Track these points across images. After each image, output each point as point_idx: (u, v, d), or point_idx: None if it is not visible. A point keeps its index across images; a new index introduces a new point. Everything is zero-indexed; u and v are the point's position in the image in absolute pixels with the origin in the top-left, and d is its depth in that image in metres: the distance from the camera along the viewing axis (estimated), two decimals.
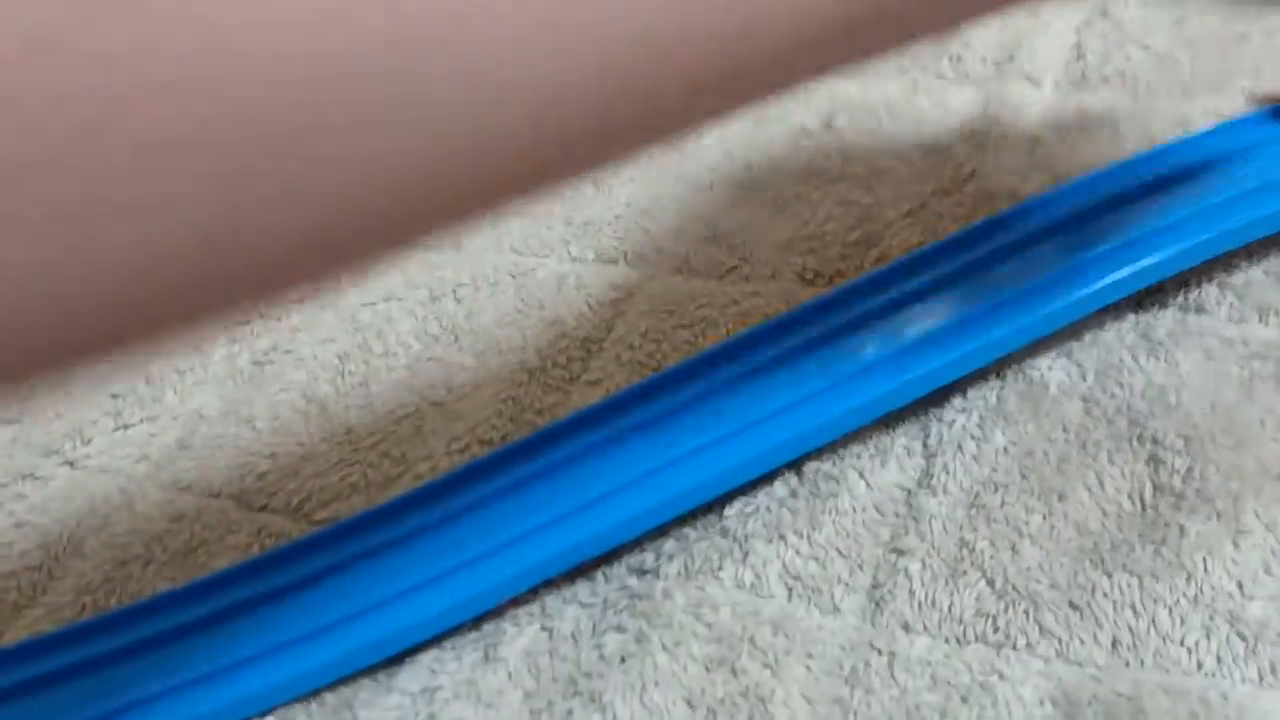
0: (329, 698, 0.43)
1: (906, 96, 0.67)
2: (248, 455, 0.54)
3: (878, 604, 0.42)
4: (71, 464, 0.55)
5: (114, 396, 0.58)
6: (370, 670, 0.44)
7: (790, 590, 0.43)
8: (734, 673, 0.41)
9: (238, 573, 0.48)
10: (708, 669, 0.41)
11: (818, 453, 0.47)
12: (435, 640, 0.44)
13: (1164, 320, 0.49)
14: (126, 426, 0.56)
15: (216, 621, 0.45)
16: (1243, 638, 0.38)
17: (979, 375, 0.49)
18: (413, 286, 0.61)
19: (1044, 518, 0.44)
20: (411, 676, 0.43)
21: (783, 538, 0.45)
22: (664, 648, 0.42)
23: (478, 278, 0.61)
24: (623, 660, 0.42)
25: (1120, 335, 0.49)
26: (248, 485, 0.52)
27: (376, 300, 0.61)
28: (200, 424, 0.56)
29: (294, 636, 0.44)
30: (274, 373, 0.57)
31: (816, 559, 0.44)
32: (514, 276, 0.61)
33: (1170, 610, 0.40)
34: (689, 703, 0.40)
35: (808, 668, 0.41)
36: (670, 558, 0.45)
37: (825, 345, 0.50)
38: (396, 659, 0.44)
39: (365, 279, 0.62)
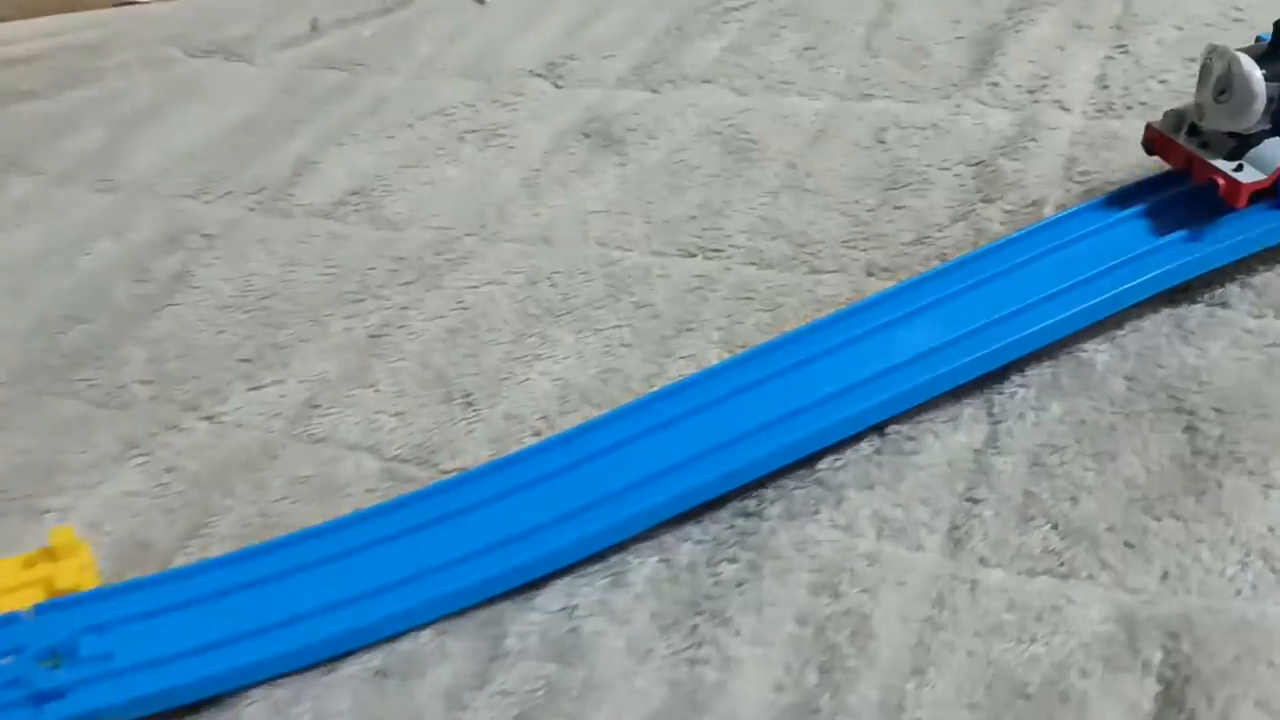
0: (478, 615, 0.49)
1: (951, 117, 0.73)
2: (375, 413, 0.59)
3: (957, 543, 0.49)
4: (210, 419, 0.60)
5: (244, 361, 0.63)
6: (510, 594, 0.49)
7: (880, 531, 0.50)
8: (837, 596, 0.47)
9: (365, 517, 0.53)
10: (814, 593, 0.47)
11: (896, 418, 0.53)
12: (567, 570, 0.50)
13: (1194, 313, 0.56)
14: (258, 387, 0.62)
15: (364, 550, 0.51)
16: (1274, 570, 0.45)
17: (1034, 356, 0.55)
18: (511, 273, 0.67)
19: (1097, 474, 0.50)
20: (550, 598, 0.49)
21: (871, 487, 0.51)
22: (774, 575, 0.48)
23: (570, 267, 0.67)
24: (739, 585, 0.48)
25: (1157, 325, 0.56)
26: (380, 439, 0.58)
27: (478, 284, 0.67)
28: (326, 387, 0.61)
29: (436, 564, 0.50)
30: (391, 344, 0.63)
31: (901, 506, 0.50)
32: (602, 266, 0.67)
33: (1211, 548, 0.46)
34: (799, 620, 0.47)
35: (900, 591, 0.47)
36: (772, 503, 0.51)
37: (899, 327, 0.56)
38: (534, 584, 0.50)
39: (469, 267, 0.68)
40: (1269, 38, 0.56)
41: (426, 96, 0.85)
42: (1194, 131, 0.57)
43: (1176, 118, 0.58)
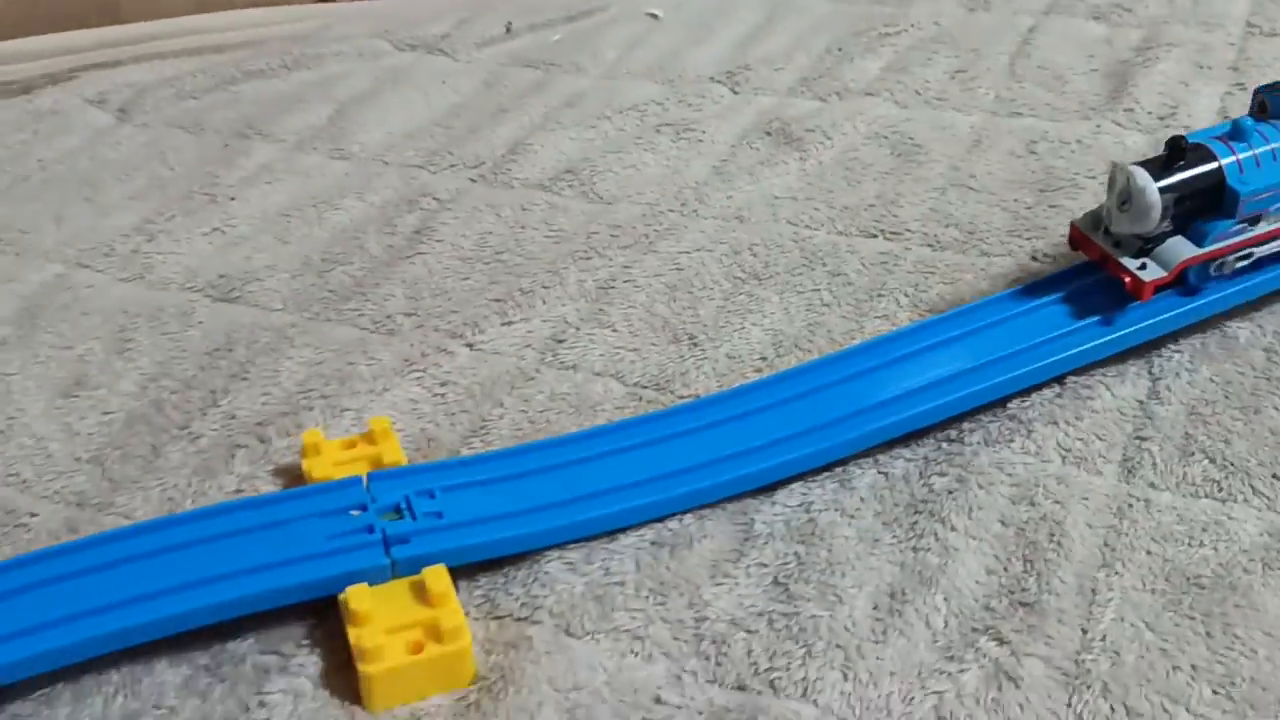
0: (728, 506, 0.57)
1: (1092, 135, 0.82)
2: (615, 348, 0.68)
3: (1130, 470, 0.57)
4: (471, 346, 0.69)
5: (496, 300, 0.72)
6: (752, 493, 0.58)
7: (1064, 458, 0.58)
8: (1033, 504, 0.56)
9: (626, 425, 0.62)
10: (1014, 502, 0.56)
11: (1072, 372, 0.62)
12: (798, 476, 0.58)
13: None
14: (510, 323, 0.70)
15: (633, 450, 0.59)
16: None
17: (1185, 330, 0.64)
18: (717, 244, 0.76)
19: (1245, 423, 0.59)
20: (788, 497, 0.58)
21: (1055, 423, 0.60)
22: (979, 486, 0.57)
23: (766, 241, 0.76)
24: (950, 492, 0.57)
25: None
26: (621, 368, 0.67)
27: (689, 250, 0.75)
28: (568, 327, 0.70)
29: (692, 465, 0.58)
30: (620, 294, 0.72)
31: (1081, 439, 0.59)
32: (795, 242, 0.76)
33: None
34: (1003, 522, 0.55)
35: (1085, 505, 0.55)
36: (971, 432, 0.60)
37: (1066, 303, 0.64)
38: (770, 487, 0.58)
39: (677, 236, 0.77)
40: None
41: (617, 95, 0.94)
42: (1109, 230, 0.62)
43: (1093, 218, 0.64)
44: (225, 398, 0.66)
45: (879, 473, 0.58)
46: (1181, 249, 0.61)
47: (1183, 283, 0.62)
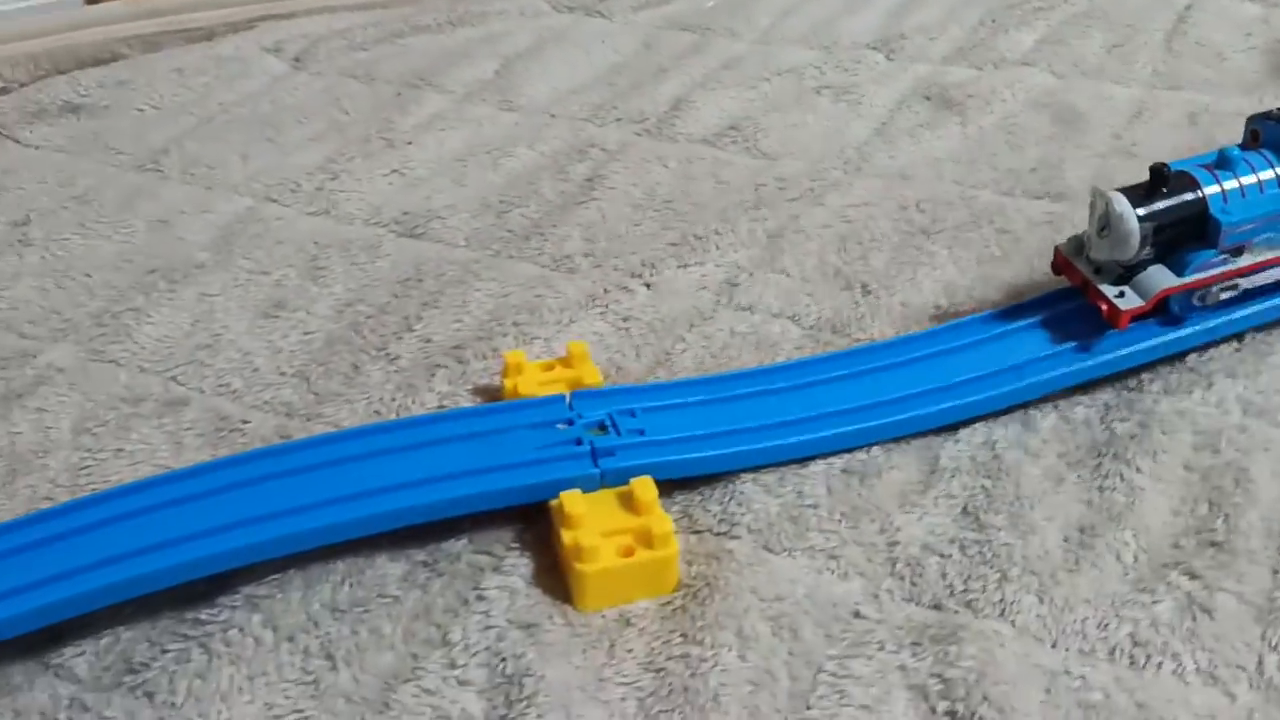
0: (914, 442, 0.58)
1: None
2: (789, 292, 0.69)
3: None
4: (649, 285, 0.71)
5: (672, 245, 0.74)
6: (936, 431, 0.59)
7: (1245, 410, 0.58)
8: (1216, 452, 0.56)
9: (813, 361, 0.63)
10: (1196, 449, 0.56)
11: (1254, 329, 0.62)
12: (980, 417, 0.59)
13: None
14: (685, 266, 0.72)
15: (819, 385, 0.60)
16: None
17: None
18: (883, 200, 0.77)
19: None
20: (972, 435, 0.58)
21: (1234, 377, 0.60)
22: (1162, 432, 0.57)
23: (934, 198, 0.76)
24: (1131, 437, 0.57)
25: None
26: (798, 311, 0.68)
27: (857, 204, 0.76)
28: (740, 272, 0.71)
29: (880, 401, 0.59)
30: (790, 243, 0.73)
31: (1261, 393, 0.59)
32: (962, 199, 0.76)
33: None
34: (1187, 467, 0.56)
35: (1268, 454, 0.56)
36: (1151, 382, 0.60)
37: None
38: (952, 427, 0.59)
39: (843, 191, 0.78)
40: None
41: (773, 59, 0.95)
42: (1090, 256, 0.60)
43: (1077, 243, 0.62)
44: (419, 323, 0.68)
45: (1060, 417, 0.59)
46: (1161, 278, 0.59)
47: (1165, 311, 0.61)
